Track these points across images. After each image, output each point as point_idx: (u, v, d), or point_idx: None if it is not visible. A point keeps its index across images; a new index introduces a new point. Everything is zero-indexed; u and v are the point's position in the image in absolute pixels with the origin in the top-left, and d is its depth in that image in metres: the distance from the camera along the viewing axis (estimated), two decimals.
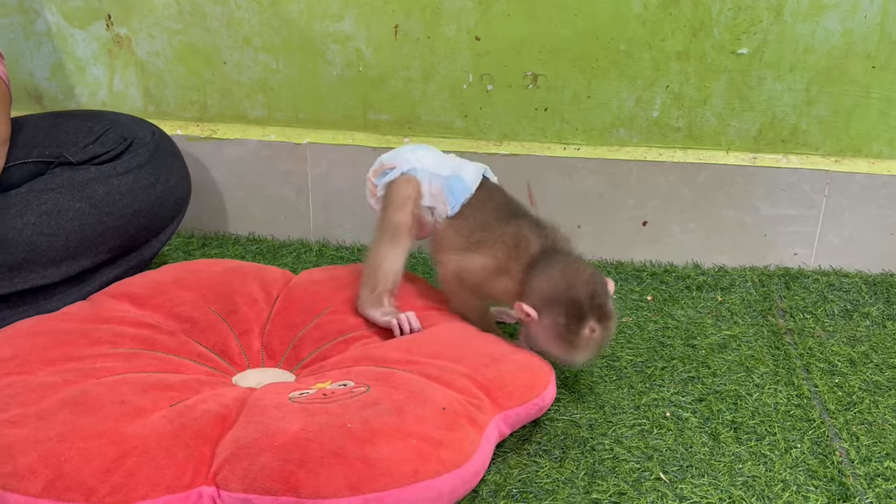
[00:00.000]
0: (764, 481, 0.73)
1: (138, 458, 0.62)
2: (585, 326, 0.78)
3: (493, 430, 0.71)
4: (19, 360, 0.73)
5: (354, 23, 1.11)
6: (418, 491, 0.62)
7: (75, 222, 0.90)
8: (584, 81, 1.10)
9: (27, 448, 0.62)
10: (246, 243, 1.21)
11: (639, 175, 1.12)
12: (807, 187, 1.10)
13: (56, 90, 1.23)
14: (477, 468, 0.67)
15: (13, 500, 0.59)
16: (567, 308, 0.79)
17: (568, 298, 0.79)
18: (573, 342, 0.79)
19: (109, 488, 0.59)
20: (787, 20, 1.03)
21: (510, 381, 0.76)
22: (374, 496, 0.60)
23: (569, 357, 0.81)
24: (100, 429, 0.64)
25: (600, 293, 0.80)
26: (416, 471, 0.62)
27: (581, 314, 0.78)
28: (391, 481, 0.61)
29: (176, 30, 1.16)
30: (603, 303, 0.80)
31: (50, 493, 0.59)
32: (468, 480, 0.66)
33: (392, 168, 0.91)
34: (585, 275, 0.81)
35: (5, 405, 0.67)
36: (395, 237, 0.88)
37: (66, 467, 0.60)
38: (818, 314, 1.03)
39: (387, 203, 0.90)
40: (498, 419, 0.73)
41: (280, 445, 0.62)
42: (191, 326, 0.85)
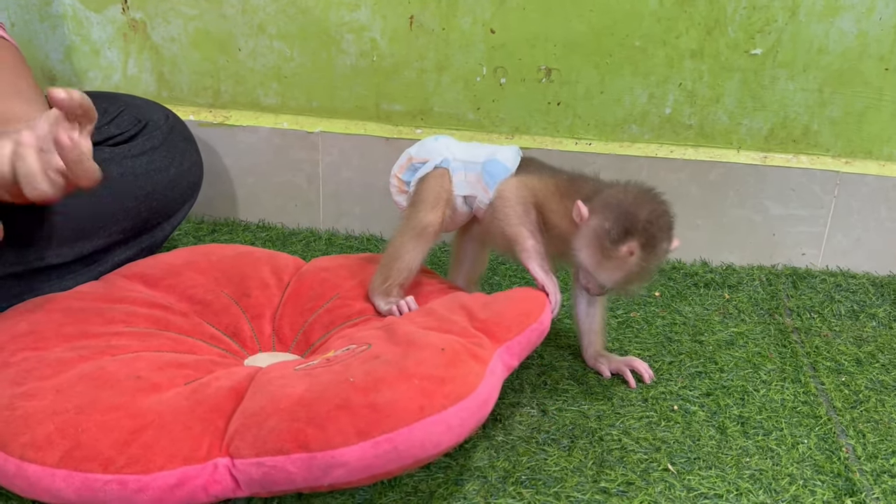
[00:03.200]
0: (771, 475, 0.74)
1: (155, 431, 0.62)
2: (626, 243, 0.75)
3: (496, 363, 0.71)
4: (35, 335, 0.74)
5: (370, 13, 1.12)
6: (426, 426, 0.62)
7: (89, 202, 0.91)
8: (597, 77, 1.10)
9: (44, 419, 0.62)
10: (256, 230, 1.21)
11: (649, 171, 1.12)
12: (816, 188, 1.10)
13: (70, 73, 1.24)
14: (484, 398, 0.66)
15: (31, 469, 0.60)
16: (618, 216, 0.75)
17: (624, 208, 0.76)
18: (607, 254, 0.76)
19: (126, 459, 0.60)
20: (801, 20, 1.04)
21: (505, 315, 0.76)
22: (384, 438, 0.60)
23: (597, 270, 0.77)
24: (117, 402, 0.64)
25: (660, 224, 0.76)
26: (422, 407, 0.62)
27: (628, 228, 0.74)
28: (398, 421, 0.61)
29: (191, 15, 1.16)
30: (656, 232, 0.75)
31: (67, 462, 0.60)
32: (476, 411, 0.65)
33: (423, 162, 0.89)
34: (657, 202, 0.77)
35: (22, 379, 0.67)
36: (421, 236, 0.86)
37: (84, 438, 0.61)
38: (825, 314, 1.04)
39: (418, 199, 0.87)
40: (500, 352, 0.73)
41: (286, 408, 0.63)
42: (203, 308, 0.85)
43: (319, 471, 0.60)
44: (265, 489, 0.62)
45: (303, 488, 0.63)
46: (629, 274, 0.77)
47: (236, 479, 0.62)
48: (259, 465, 0.61)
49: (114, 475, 0.59)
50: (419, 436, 0.61)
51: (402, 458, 0.61)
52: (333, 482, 0.61)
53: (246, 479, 0.62)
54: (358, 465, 0.60)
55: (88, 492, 0.59)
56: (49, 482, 0.60)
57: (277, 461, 0.60)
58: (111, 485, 0.59)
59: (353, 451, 0.60)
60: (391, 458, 0.61)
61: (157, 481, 0.60)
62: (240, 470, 0.61)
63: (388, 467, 0.61)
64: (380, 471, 0.61)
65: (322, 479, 0.61)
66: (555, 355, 0.92)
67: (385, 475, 0.63)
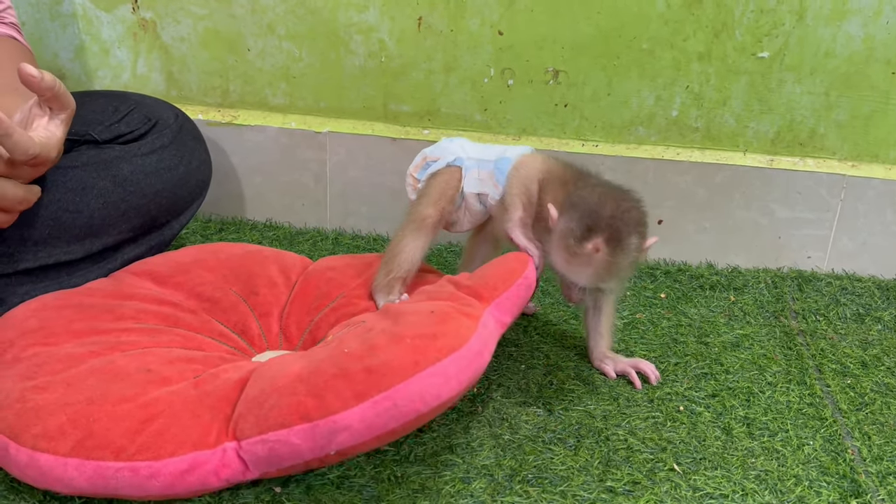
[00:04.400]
0: (776, 475, 0.74)
1: (166, 419, 0.63)
2: (591, 241, 0.75)
3: (488, 318, 0.72)
4: (45, 331, 0.74)
5: (378, 14, 1.12)
6: (423, 379, 0.62)
7: (99, 200, 0.91)
8: (604, 79, 1.11)
9: (56, 410, 0.63)
10: (263, 229, 1.22)
11: (656, 174, 1.13)
12: (823, 191, 1.10)
13: (79, 72, 1.24)
14: (478, 349, 0.67)
15: (43, 459, 0.61)
16: (582, 214, 0.76)
17: (588, 206, 0.76)
18: (574, 252, 0.76)
19: (138, 447, 0.61)
20: (809, 24, 1.04)
21: (490, 277, 0.77)
22: (382, 396, 0.61)
23: (565, 269, 0.78)
24: (127, 394, 0.65)
25: (626, 220, 0.76)
26: (416, 362, 0.63)
27: (592, 226, 0.75)
28: (394, 378, 0.62)
29: (201, 15, 1.17)
30: (621, 228, 0.76)
31: (79, 451, 0.60)
32: (472, 360, 0.66)
33: (435, 160, 0.91)
34: (623, 199, 0.78)
35: (33, 373, 0.68)
36: (419, 228, 0.88)
37: (95, 427, 0.62)
38: (830, 317, 1.04)
39: (422, 194, 0.90)
40: (490, 309, 0.73)
41: (284, 385, 0.64)
42: (212, 306, 0.86)
43: (323, 438, 0.61)
44: (274, 466, 0.63)
45: (312, 461, 0.63)
46: (598, 271, 0.77)
47: (244, 460, 0.63)
48: (263, 442, 0.62)
49: (125, 462, 0.60)
50: (417, 389, 0.62)
51: (403, 414, 0.62)
52: (340, 448, 0.62)
53: (253, 458, 0.62)
54: (360, 427, 0.61)
55: (101, 479, 0.60)
56: (61, 471, 0.60)
57: (280, 435, 0.61)
58: (123, 472, 0.60)
59: (353, 413, 0.61)
60: (392, 415, 0.62)
61: (169, 467, 0.61)
62: (246, 450, 0.62)
63: (391, 426, 0.62)
64: (383, 430, 0.62)
65: (327, 446, 0.61)
66: (561, 356, 0.92)
67: (391, 435, 0.63)
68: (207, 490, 0.63)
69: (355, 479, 0.70)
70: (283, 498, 0.68)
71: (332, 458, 0.64)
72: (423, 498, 0.69)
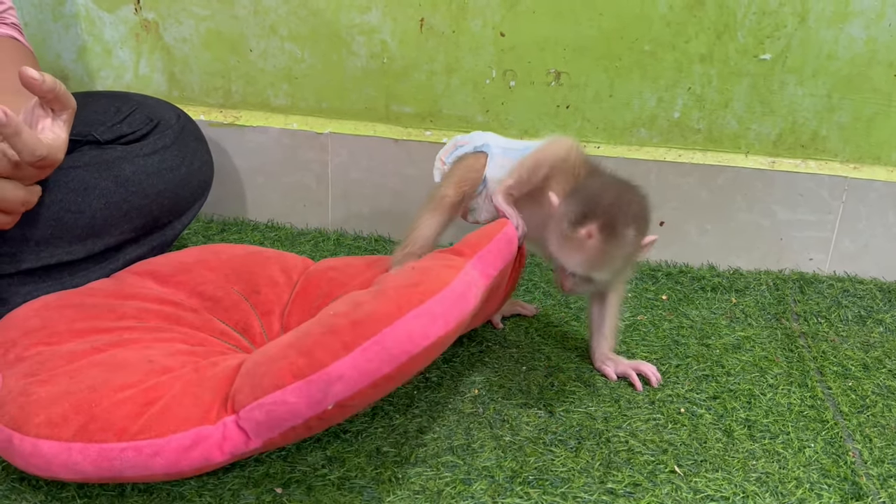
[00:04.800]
0: (778, 478, 0.74)
1: (167, 401, 0.64)
2: (585, 226, 0.75)
3: (470, 269, 0.72)
4: (47, 330, 0.74)
5: (381, 15, 1.12)
6: (408, 321, 0.63)
7: (101, 200, 0.91)
8: (606, 80, 1.11)
9: (59, 399, 0.64)
10: (265, 230, 1.22)
11: (658, 175, 1.13)
12: (825, 193, 1.10)
13: (82, 72, 1.24)
14: (461, 290, 0.68)
15: (47, 446, 0.61)
16: (580, 200, 0.76)
17: (588, 193, 0.76)
18: (567, 235, 0.76)
19: (140, 427, 0.62)
20: (811, 26, 1.04)
21: (471, 237, 0.78)
22: (370, 342, 0.62)
23: (560, 253, 0.78)
24: (130, 381, 0.66)
25: (624, 210, 0.75)
26: (400, 307, 0.64)
27: (588, 212, 0.75)
28: (380, 324, 0.63)
29: (203, 16, 1.17)
30: (617, 217, 0.75)
31: (82, 436, 0.61)
32: (457, 300, 0.67)
33: (464, 144, 0.92)
34: (627, 192, 0.77)
35: (35, 370, 0.68)
36: (437, 207, 0.89)
37: (97, 412, 0.62)
38: (832, 319, 1.04)
39: (446, 175, 0.92)
40: (473, 261, 0.73)
41: (275, 353, 0.65)
42: (214, 304, 0.86)
43: (319, 392, 0.62)
44: (275, 430, 0.63)
45: (312, 420, 0.63)
46: (590, 258, 0.76)
47: (244, 429, 0.63)
48: (260, 407, 0.62)
49: (129, 442, 0.61)
50: (404, 330, 0.63)
51: (394, 356, 0.62)
52: (338, 400, 0.62)
53: (252, 425, 0.63)
54: (354, 375, 0.62)
55: (105, 462, 0.61)
56: (66, 457, 0.61)
57: (276, 396, 0.62)
58: (127, 452, 0.60)
59: (344, 362, 0.62)
60: (383, 358, 0.62)
61: (172, 444, 0.61)
62: (244, 418, 0.63)
63: (384, 370, 0.62)
64: (377, 375, 0.62)
65: (324, 400, 0.62)
66: (562, 357, 0.92)
67: (388, 381, 0.64)
68: (211, 465, 0.63)
69: (356, 481, 0.70)
70: (283, 498, 0.68)
71: (334, 413, 0.64)
72: (424, 499, 0.69)
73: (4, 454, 0.64)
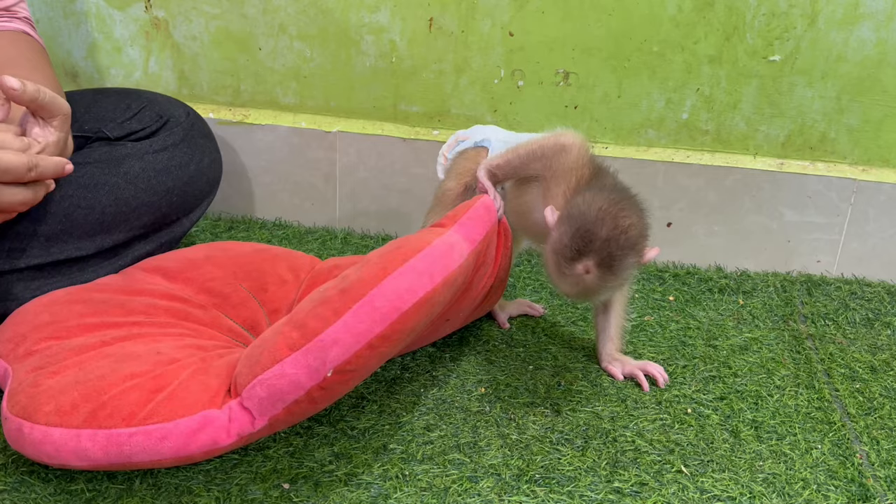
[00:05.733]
0: (784, 479, 0.74)
1: (175, 388, 0.65)
2: (581, 263, 0.73)
3: (452, 234, 0.73)
4: (57, 325, 0.75)
5: (390, 14, 1.13)
6: (394, 280, 0.65)
7: (111, 196, 0.92)
8: (615, 81, 1.11)
9: (68, 388, 0.64)
10: (272, 228, 1.22)
11: (665, 176, 1.13)
12: (833, 195, 1.10)
13: (92, 70, 1.25)
14: (444, 248, 0.69)
15: (57, 433, 0.62)
16: (575, 233, 0.73)
17: (583, 224, 0.73)
18: (562, 268, 0.74)
19: (148, 412, 0.62)
20: (821, 28, 1.04)
21: (450, 213, 0.80)
22: (359, 305, 0.64)
23: (557, 281, 0.77)
24: (138, 370, 0.67)
25: (621, 242, 0.73)
26: (384, 268, 0.66)
27: (584, 248, 0.73)
28: (366, 287, 0.65)
29: (213, 14, 1.18)
30: (615, 253, 0.73)
31: (91, 422, 0.62)
32: (440, 256, 0.68)
33: (465, 140, 0.94)
34: (623, 215, 0.74)
35: (45, 363, 0.69)
36: (441, 202, 0.91)
37: (106, 399, 0.63)
38: (840, 321, 1.03)
39: (447, 170, 0.93)
40: (455, 228, 0.74)
41: (269, 333, 0.67)
42: (222, 301, 0.86)
43: (316, 360, 0.63)
44: (279, 406, 0.64)
45: (314, 390, 0.64)
46: (588, 289, 0.75)
47: (248, 409, 0.64)
48: (261, 383, 0.63)
49: (137, 427, 0.62)
50: (390, 289, 0.64)
51: (384, 315, 0.64)
52: (338, 366, 0.63)
53: (255, 403, 0.64)
54: (348, 338, 0.63)
55: (114, 447, 0.61)
56: (75, 443, 0.61)
57: (274, 370, 0.63)
58: (136, 437, 0.61)
59: (336, 327, 0.63)
60: (375, 318, 0.64)
61: (180, 427, 0.62)
62: (247, 397, 0.64)
63: (377, 329, 0.64)
64: (372, 335, 0.64)
65: (322, 367, 0.63)
66: (569, 357, 0.92)
67: (384, 342, 0.65)
68: (219, 449, 0.64)
69: (363, 477, 0.70)
70: (290, 494, 0.68)
71: (336, 382, 0.65)
72: (431, 496, 0.69)
73: (16, 444, 0.64)
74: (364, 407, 0.81)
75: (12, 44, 0.94)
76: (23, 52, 0.93)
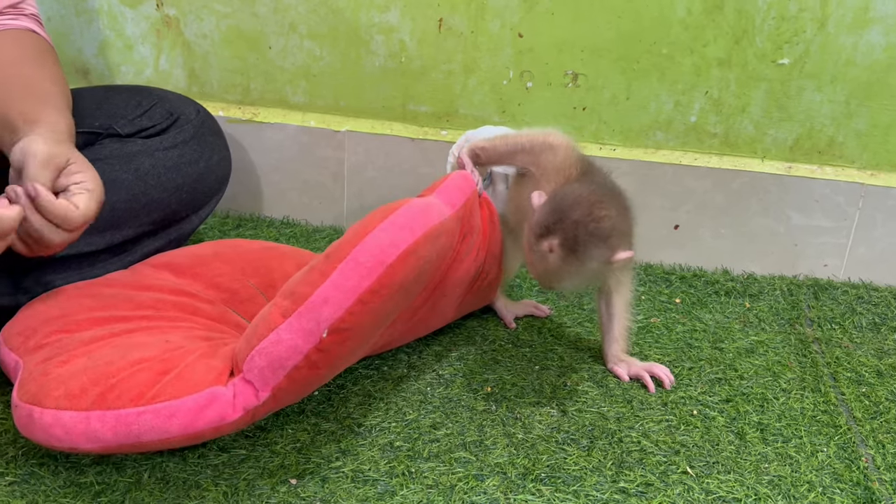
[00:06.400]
0: (790, 481, 0.74)
1: (182, 369, 0.66)
2: (546, 240, 0.75)
3: (431, 198, 0.75)
4: (67, 319, 0.75)
5: (400, 15, 1.13)
6: (376, 236, 0.67)
7: (121, 193, 0.92)
8: (624, 83, 1.11)
9: (77, 374, 0.66)
10: (280, 226, 1.23)
11: (673, 178, 1.13)
12: (841, 199, 1.10)
13: (103, 67, 1.26)
14: (422, 205, 0.71)
15: (66, 416, 0.63)
16: (548, 212, 0.76)
17: (559, 206, 0.76)
18: (531, 246, 0.77)
19: (156, 392, 0.64)
20: (830, 32, 1.04)
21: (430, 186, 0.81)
22: (343, 263, 0.66)
23: (526, 256, 0.80)
24: (146, 356, 0.68)
25: (590, 229, 0.74)
26: (365, 226, 0.68)
27: (552, 226, 0.75)
28: (348, 246, 0.67)
29: (224, 13, 1.18)
30: (580, 236, 0.74)
31: (100, 404, 0.63)
32: (420, 212, 0.70)
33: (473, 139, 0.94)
34: (600, 206, 0.75)
35: (55, 354, 0.69)
36: None
37: (114, 381, 0.65)
38: (846, 325, 1.03)
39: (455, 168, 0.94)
40: (433, 194, 0.76)
41: (264, 310, 0.69)
42: (230, 297, 0.87)
43: (310, 321, 0.64)
44: (280, 375, 0.65)
45: (312, 353, 0.65)
46: (549, 271, 0.77)
47: (250, 381, 0.65)
48: (258, 353, 0.65)
49: (145, 406, 0.63)
50: (372, 244, 0.66)
51: (371, 269, 0.65)
52: (333, 325, 0.64)
53: (257, 374, 0.65)
54: (338, 295, 0.64)
55: (123, 427, 0.62)
56: (85, 425, 0.62)
57: (270, 338, 0.65)
58: (144, 416, 0.62)
59: (325, 287, 0.65)
60: (361, 273, 0.65)
61: (188, 404, 0.63)
62: (247, 370, 0.65)
63: (365, 284, 0.65)
64: (361, 290, 0.65)
65: (317, 328, 0.64)
66: (575, 358, 0.93)
67: (375, 297, 0.66)
68: (227, 425, 0.65)
69: (370, 474, 0.71)
70: (298, 490, 0.68)
71: (333, 343, 0.66)
72: (437, 494, 0.69)
73: (26, 430, 0.65)
74: (371, 404, 0.81)
75: (16, 43, 0.94)
76: (27, 52, 0.93)
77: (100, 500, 0.66)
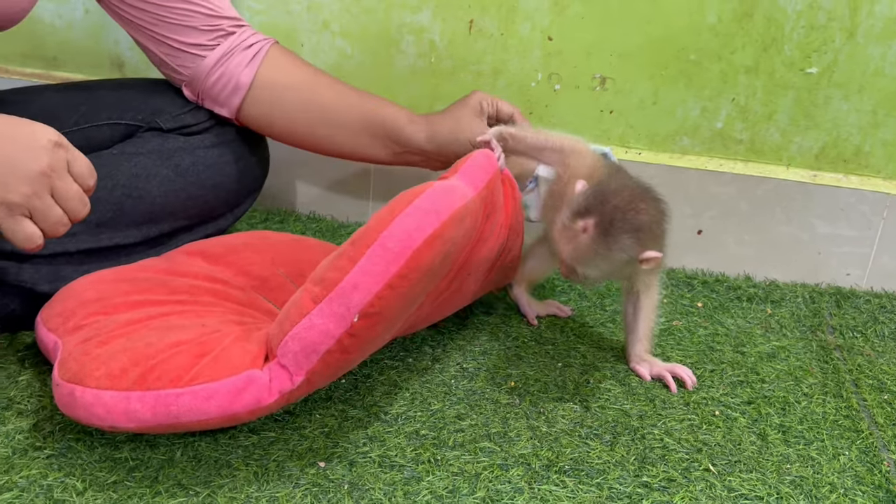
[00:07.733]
0: (812, 482, 0.74)
1: (219, 353, 0.68)
2: (583, 219, 0.77)
3: (454, 180, 0.75)
4: (104, 302, 0.77)
5: (431, 15, 1.15)
6: (402, 220, 0.67)
7: (161, 188, 0.94)
8: (651, 88, 1.12)
9: (117, 354, 0.68)
10: (306, 221, 1.24)
11: (698, 184, 1.14)
12: (865, 208, 1.11)
13: (137, 60, 1.28)
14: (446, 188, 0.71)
15: (107, 396, 0.65)
16: (590, 194, 0.77)
17: (600, 189, 0.77)
18: (565, 224, 0.78)
19: (194, 374, 0.66)
20: (859, 41, 1.05)
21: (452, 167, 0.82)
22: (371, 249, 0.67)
23: (557, 236, 0.80)
24: (184, 339, 0.70)
25: (628, 217, 0.76)
26: (391, 211, 0.68)
27: (592, 207, 0.76)
28: (375, 232, 0.67)
29: (258, 9, 1.20)
30: (617, 221, 0.75)
31: (140, 384, 0.65)
32: (444, 195, 0.70)
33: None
34: (642, 200, 0.77)
35: (94, 335, 0.71)
36: None
37: (154, 363, 0.67)
38: (868, 334, 1.04)
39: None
40: (456, 175, 0.77)
41: (295, 296, 0.70)
42: (261, 284, 0.89)
43: (340, 306, 0.66)
44: (313, 359, 0.66)
45: (344, 338, 0.67)
46: (579, 252, 0.78)
47: (285, 366, 0.67)
48: (292, 338, 0.66)
49: (184, 388, 0.65)
50: (399, 229, 0.67)
51: (397, 255, 0.66)
52: (363, 310, 0.66)
53: (291, 359, 0.66)
54: (367, 280, 0.66)
55: (162, 407, 0.64)
56: (125, 405, 0.64)
57: (303, 324, 0.66)
58: (183, 397, 0.64)
59: (354, 273, 0.66)
60: (389, 258, 0.66)
61: (226, 386, 0.65)
62: (281, 354, 0.67)
63: (393, 269, 0.66)
64: (389, 275, 0.66)
65: (348, 313, 0.66)
66: (598, 356, 0.93)
67: (403, 281, 0.67)
68: (263, 408, 0.67)
69: (396, 459, 0.72)
70: (326, 472, 0.70)
71: (364, 328, 0.67)
72: (462, 481, 0.70)
73: (67, 409, 0.66)
74: (396, 394, 0.82)
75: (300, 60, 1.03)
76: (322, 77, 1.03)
77: (134, 475, 0.67)
